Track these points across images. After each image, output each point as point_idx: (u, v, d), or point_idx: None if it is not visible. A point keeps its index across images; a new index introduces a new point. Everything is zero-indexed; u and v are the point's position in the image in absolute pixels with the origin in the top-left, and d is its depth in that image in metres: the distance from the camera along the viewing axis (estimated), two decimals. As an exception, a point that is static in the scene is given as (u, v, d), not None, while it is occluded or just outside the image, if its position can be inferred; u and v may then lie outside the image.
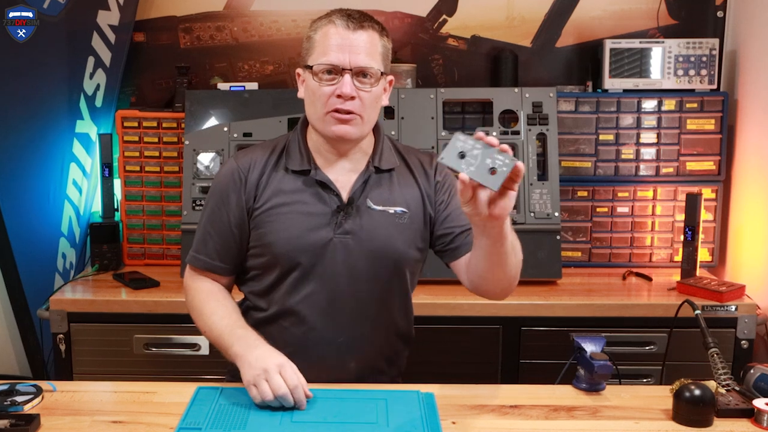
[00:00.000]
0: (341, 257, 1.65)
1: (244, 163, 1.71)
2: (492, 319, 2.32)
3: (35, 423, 1.42)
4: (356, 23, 1.61)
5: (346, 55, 1.60)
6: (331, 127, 1.63)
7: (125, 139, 2.71)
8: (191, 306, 1.72)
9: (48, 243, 2.59)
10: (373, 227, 1.67)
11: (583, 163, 2.72)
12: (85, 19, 2.63)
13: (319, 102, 1.63)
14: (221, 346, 1.62)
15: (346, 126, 1.63)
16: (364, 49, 1.61)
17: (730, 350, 2.31)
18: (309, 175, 1.68)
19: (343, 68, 1.60)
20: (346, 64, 1.60)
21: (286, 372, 1.49)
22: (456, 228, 1.70)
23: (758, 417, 1.47)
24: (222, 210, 1.69)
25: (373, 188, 1.70)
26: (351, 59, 1.60)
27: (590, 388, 1.63)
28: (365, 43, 1.61)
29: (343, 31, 1.60)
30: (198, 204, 2.52)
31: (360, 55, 1.60)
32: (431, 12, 2.90)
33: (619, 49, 2.68)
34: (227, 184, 1.70)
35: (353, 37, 1.60)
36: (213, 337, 1.65)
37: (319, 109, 1.63)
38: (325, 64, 1.60)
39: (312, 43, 1.65)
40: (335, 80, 1.61)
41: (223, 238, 1.69)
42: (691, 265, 2.52)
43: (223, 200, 1.69)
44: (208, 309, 1.67)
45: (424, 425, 1.43)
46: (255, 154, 1.73)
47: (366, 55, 1.61)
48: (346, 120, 1.62)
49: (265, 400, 1.47)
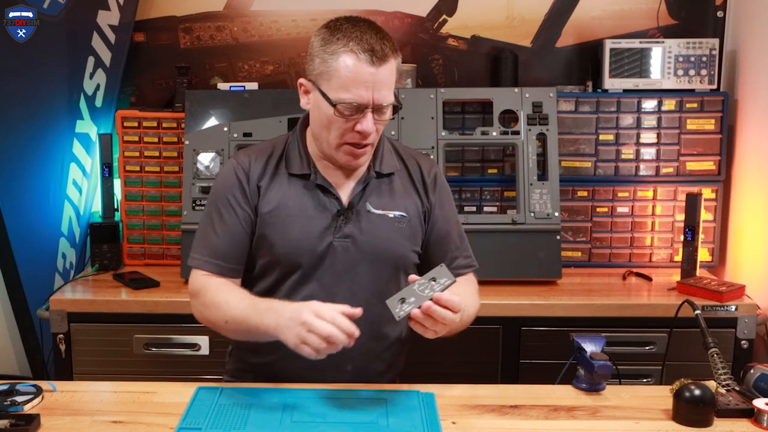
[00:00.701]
0: (341, 261, 1.66)
1: (245, 162, 1.70)
2: (492, 319, 2.32)
3: (35, 423, 1.42)
4: (379, 59, 1.55)
5: (370, 92, 1.55)
6: (344, 158, 1.63)
7: (125, 139, 2.71)
8: (204, 305, 1.65)
9: (48, 243, 2.59)
10: (372, 231, 1.67)
11: (583, 163, 2.72)
12: (85, 19, 2.63)
13: (335, 132, 1.60)
14: (249, 329, 1.55)
15: (358, 159, 1.63)
16: (386, 84, 1.57)
17: (730, 350, 2.31)
18: (309, 179, 1.68)
19: (366, 106, 1.56)
20: (369, 102, 1.56)
21: (323, 312, 1.43)
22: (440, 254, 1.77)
23: (758, 417, 1.47)
24: (230, 210, 1.67)
25: (373, 192, 1.70)
26: (375, 97, 1.56)
27: (590, 388, 1.63)
28: (388, 77, 1.58)
29: (367, 68, 1.54)
30: (198, 204, 2.52)
31: (383, 91, 1.57)
32: (431, 12, 2.89)
33: (619, 49, 2.68)
34: (231, 184, 1.69)
35: (377, 73, 1.55)
36: (237, 324, 1.57)
37: (333, 139, 1.61)
38: (350, 103, 1.55)
39: (329, 69, 1.57)
40: (355, 116, 1.57)
41: (235, 239, 1.67)
42: (691, 265, 2.52)
43: (230, 200, 1.68)
44: (222, 299, 1.61)
45: (424, 425, 1.43)
46: (254, 154, 1.73)
47: (388, 90, 1.58)
48: (360, 154, 1.62)
49: (321, 353, 1.42)
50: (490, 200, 2.67)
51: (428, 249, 1.78)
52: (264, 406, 1.50)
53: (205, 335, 2.34)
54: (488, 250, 2.46)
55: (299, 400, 1.53)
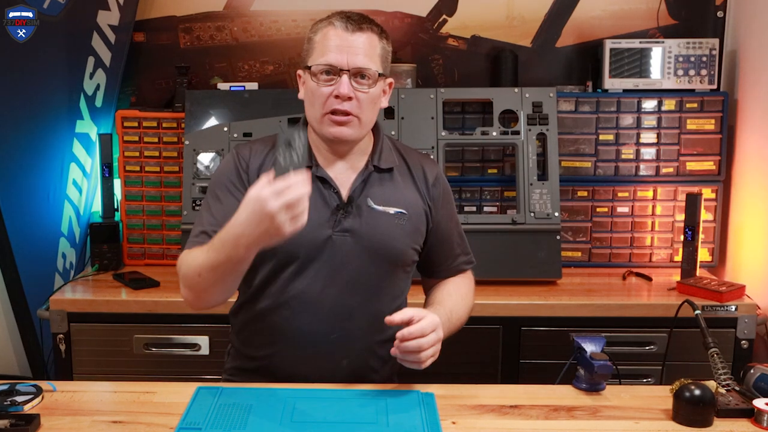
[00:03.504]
0: (339, 255, 1.66)
1: (245, 153, 1.72)
2: (492, 319, 2.33)
3: (35, 423, 1.42)
4: (355, 25, 1.62)
5: (344, 56, 1.60)
6: (328, 129, 1.64)
7: (125, 139, 2.72)
8: (182, 276, 1.59)
9: (48, 243, 2.59)
10: (372, 226, 1.68)
11: (583, 163, 2.72)
12: (85, 19, 2.63)
13: (317, 102, 1.63)
14: (222, 264, 1.48)
15: (342, 128, 1.63)
16: (362, 50, 1.62)
17: (730, 350, 2.31)
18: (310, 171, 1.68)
19: (341, 69, 1.60)
20: (344, 64, 1.60)
21: (276, 187, 1.36)
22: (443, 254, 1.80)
23: (758, 417, 1.47)
24: (226, 194, 1.67)
25: (373, 187, 1.70)
26: (349, 60, 1.60)
27: (590, 388, 1.63)
28: (364, 44, 1.62)
29: (342, 33, 1.61)
30: (198, 204, 2.52)
31: (358, 56, 1.61)
32: (431, 12, 2.89)
33: (619, 49, 2.68)
34: (230, 172, 1.69)
35: (352, 38, 1.61)
36: (210, 270, 1.51)
37: (317, 110, 1.64)
38: (323, 64, 1.61)
39: (311, 45, 1.66)
40: (333, 81, 1.61)
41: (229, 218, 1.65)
42: (691, 265, 2.52)
43: (227, 186, 1.68)
44: (190, 259, 1.57)
45: (424, 425, 1.43)
46: (255, 145, 1.75)
47: (364, 56, 1.62)
48: (343, 122, 1.63)
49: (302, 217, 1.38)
50: (490, 200, 2.67)
51: (431, 248, 1.79)
52: (264, 406, 1.50)
53: (205, 335, 2.34)
54: (488, 250, 2.46)
55: (299, 400, 1.53)
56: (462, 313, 1.74)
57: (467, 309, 1.77)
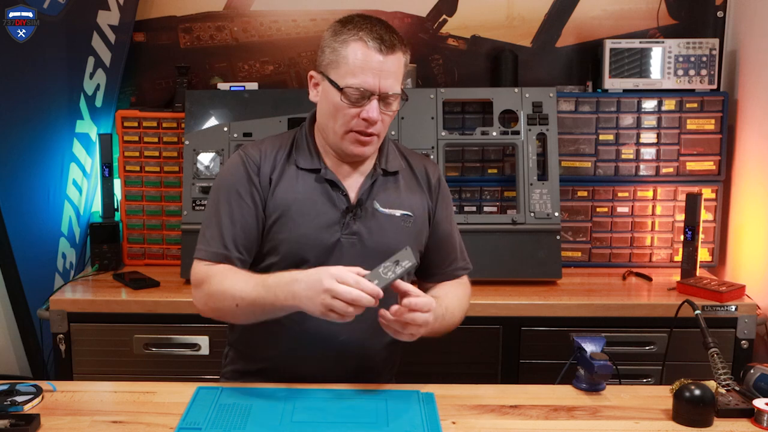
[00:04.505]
0: (347, 258, 1.66)
1: (254, 154, 1.70)
2: (492, 319, 2.32)
3: (35, 423, 1.42)
4: (388, 48, 1.59)
5: (377, 80, 1.58)
6: (350, 147, 1.64)
7: (125, 139, 2.71)
8: (209, 293, 1.61)
9: (48, 243, 2.59)
10: (379, 229, 1.68)
11: (583, 163, 2.72)
12: (85, 19, 2.62)
13: (341, 119, 1.62)
14: (264, 308, 1.53)
15: (364, 148, 1.64)
16: (393, 73, 1.60)
17: (730, 350, 2.30)
18: (319, 174, 1.68)
19: (372, 93, 1.59)
20: (375, 89, 1.58)
21: (344, 277, 1.43)
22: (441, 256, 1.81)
23: (758, 417, 1.47)
24: (239, 201, 1.66)
25: (380, 190, 1.71)
26: (381, 84, 1.58)
27: (590, 388, 1.63)
28: (395, 67, 1.60)
29: (375, 55, 1.58)
30: (198, 204, 2.52)
31: (389, 80, 1.59)
32: (431, 12, 2.89)
33: (619, 49, 2.68)
34: (241, 176, 1.68)
35: (383, 61, 1.58)
36: (248, 305, 1.54)
37: (339, 127, 1.62)
38: (355, 87, 1.58)
39: (338, 57, 1.61)
40: (362, 102, 1.59)
41: (244, 230, 1.65)
42: (691, 265, 2.52)
43: (240, 192, 1.67)
44: (228, 284, 1.58)
45: (424, 425, 1.43)
46: (264, 146, 1.73)
47: (394, 80, 1.61)
48: (366, 142, 1.63)
49: (348, 316, 1.43)
50: (490, 200, 2.67)
51: (431, 251, 1.80)
52: (264, 406, 1.50)
53: (205, 335, 2.34)
54: (488, 250, 2.46)
55: (299, 400, 1.53)
56: (456, 313, 1.73)
57: (462, 311, 1.76)
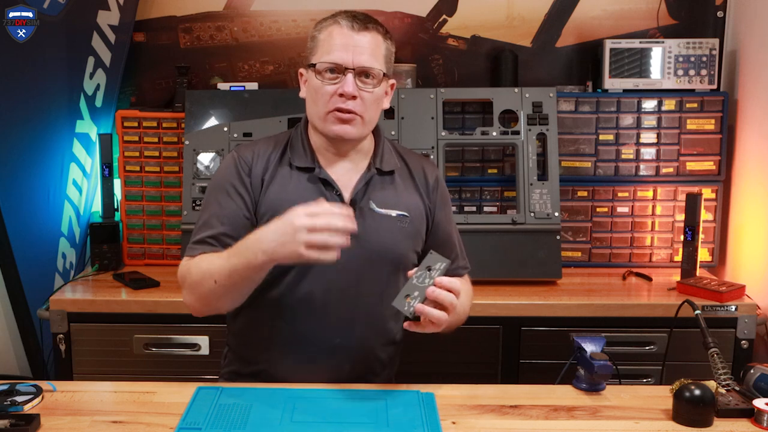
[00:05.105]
0: (342, 258, 1.65)
1: (247, 155, 1.71)
2: (492, 319, 2.32)
3: (35, 423, 1.42)
4: (361, 24, 1.63)
5: (350, 54, 1.61)
6: (331, 127, 1.64)
7: (125, 139, 2.71)
8: (192, 285, 1.60)
9: (48, 243, 2.59)
10: (375, 229, 1.67)
11: (583, 163, 2.72)
12: (85, 19, 2.62)
13: (321, 100, 1.63)
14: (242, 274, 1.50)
15: (346, 126, 1.63)
16: (367, 49, 1.62)
17: (730, 350, 2.30)
18: (313, 173, 1.68)
19: (346, 68, 1.61)
20: (349, 63, 1.61)
21: (312, 209, 1.40)
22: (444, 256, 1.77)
23: (758, 417, 1.47)
24: (227, 199, 1.66)
25: (376, 190, 1.70)
26: (354, 59, 1.61)
27: (590, 388, 1.63)
28: (369, 43, 1.63)
29: (348, 32, 1.62)
30: (198, 204, 2.52)
31: (363, 55, 1.61)
32: (431, 12, 2.90)
33: (619, 49, 2.68)
34: (231, 174, 1.68)
35: (357, 37, 1.62)
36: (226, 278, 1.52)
37: (321, 108, 1.64)
38: (329, 62, 1.61)
39: (316, 43, 1.66)
40: (338, 79, 1.62)
41: (233, 224, 1.64)
42: (691, 265, 2.52)
43: (228, 190, 1.67)
44: (204, 266, 1.57)
45: (424, 425, 1.43)
46: (257, 147, 1.73)
47: (369, 55, 1.62)
48: (346, 120, 1.63)
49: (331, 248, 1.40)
50: (490, 200, 2.67)
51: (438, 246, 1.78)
52: (264, 406, 1.50)
53: (205, 335, 2.34)
54: (488, 250, 2.46)
55: (299, 400, 1.53)
56: (466, 306, 1.73)
57: (467, 309, 1.76)
